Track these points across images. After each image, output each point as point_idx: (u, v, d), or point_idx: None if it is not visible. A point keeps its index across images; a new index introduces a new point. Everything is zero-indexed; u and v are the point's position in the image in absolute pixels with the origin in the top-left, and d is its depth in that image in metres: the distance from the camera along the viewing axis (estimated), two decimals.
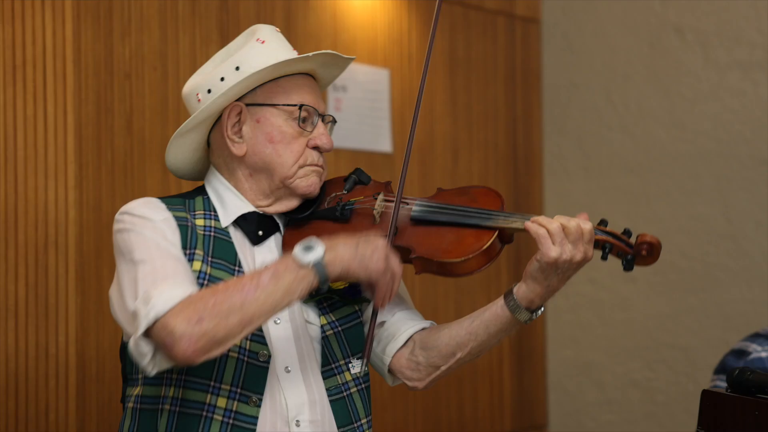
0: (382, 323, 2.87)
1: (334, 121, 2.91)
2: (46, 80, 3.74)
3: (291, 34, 4.51)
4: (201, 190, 2.86)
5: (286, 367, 2.72)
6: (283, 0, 4.49)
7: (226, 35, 4.26)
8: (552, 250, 2.61)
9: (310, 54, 2.79)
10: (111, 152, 3.90)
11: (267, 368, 2.69)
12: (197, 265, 2.68)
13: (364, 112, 4.83)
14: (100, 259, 3.84)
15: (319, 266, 2.50)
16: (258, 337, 2.69)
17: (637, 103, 5.41)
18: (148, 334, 2.47)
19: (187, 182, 3.03)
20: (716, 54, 5.16)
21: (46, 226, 3.73)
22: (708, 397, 2.58)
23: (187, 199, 2.82)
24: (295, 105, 2.77)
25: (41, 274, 3.72)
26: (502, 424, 5.47)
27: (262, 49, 2.78)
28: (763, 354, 3.69)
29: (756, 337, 3.78)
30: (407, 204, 2.78)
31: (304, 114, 2.78)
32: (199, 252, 2.70)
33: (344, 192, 2.85)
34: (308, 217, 2.83)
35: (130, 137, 3.95)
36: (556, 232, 2.62)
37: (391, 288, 2.60)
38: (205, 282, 2.66)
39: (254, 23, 4.32)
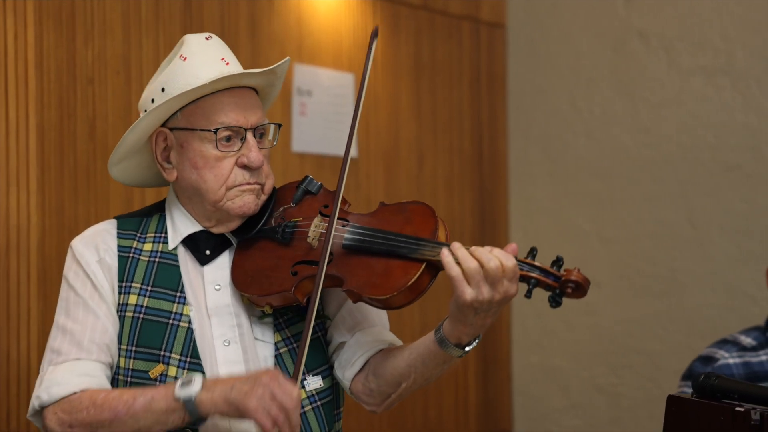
0: (342, 344, 2.82)
1: (279, 126, 2.83)
2: (7, 84, 3.71)
3: (255, 38, 4.49)
4: (161, 207, 2.86)
5: None
6: (247, 3, 4.48)
7: None
8: (467, 293, 2.47)
9: (207, 82, 2.65)
10: (73, 157, 3.88)
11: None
12: (132, 298, 2.74)
13: (329, 116, 4.82)
14: (61, 263, 3.76)
15: (189, 404, 2.52)
16: (195, 365, 2.69)
17: (601, 108, 5.42)
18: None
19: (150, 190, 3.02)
20: (680, 59, 5.18)
21: (7, 231, 3.70)
22: (673, 402, 2.58)
23: (146, 217, 2.85)
24: (209, 130, 2.68)
25: (2, 278, 3.69)
26: (467, 429, 5.46)
27: (184, 67, 2.70)
28: (731, 360, 3.69)
29: (723, 343, 3.79)
30: (344, 225, 2.71)
31: (224, 134, 2.69)
32: (136, 285, 2.74)
33: (291, 205, 2.80)
34: (256, 235, 2.79)
35: (93, 142, 3.92)
36: (473, 273, 2.46)
37: (283, 423, 2.46)
38: (141, 315, 2.72)
39: (218, 27, 4.32)
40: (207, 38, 2.76)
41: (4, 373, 3.69)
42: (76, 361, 2.67)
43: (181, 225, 2.79)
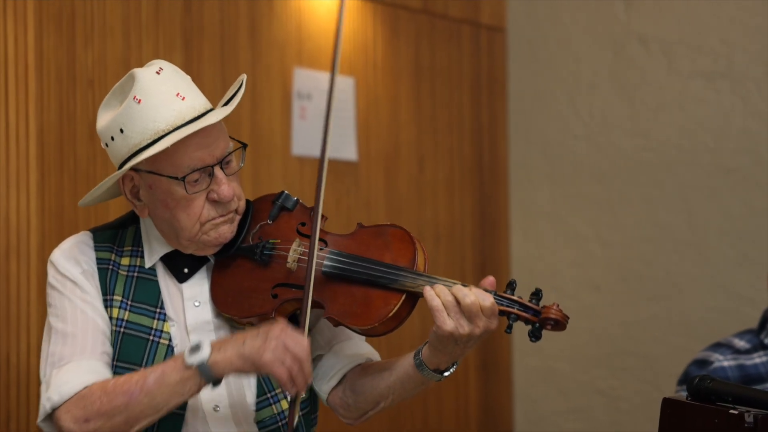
0: (320, 356, 2.85)
1: (245, 146, 2.76)
2: (7, 87, 3.72)
3: (255, 42, 4.50)
4: (136, 218, 2.84)
5: (215, 406, 2.72)
6: (247, 8, 4.48)
7: (189, 42, 4.24)
8: (446, 324, 2.53)
9: (169, 144, 2.59)
10: (73, 159, 3.88)
11: (184, 414, 2.70)
12: (115, 312, 2.74)
13: None
14: None
15: (203, 368, 2.52)
16: None
17: (601, 112, 5.43)
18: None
19: None
20: (680, 63, 5.19)
21: (7, 234, 3.70)
22: (668, 405, 2.58)
23: (120, 229, 2.84)
24: (177, 177, 2.64)
25: (2, 282, 3.69)
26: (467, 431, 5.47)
27: (139, 111, 2.62)
28: (725, 363, 3.70)
29: (717, 346, 3.80)
30: (321, 249, 2.70)
31: (193, 178, 2.65)
32: (117, 297, 2.74)
33: (269, 222, 2.79)
34: (234, 253, 2.78)
35: (93, 145, 3.92)
36: (450, 306, 2.54)
37: (297, 373, 2.51)
38: (122, 329, 2.72)
39: (218, 31, 4.33)
40: (158, 72, 2.67)
41: (3, 377, 3.69)
42: (80, 360, 2.66)
43: (157, 245, 2.78)
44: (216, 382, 2.55)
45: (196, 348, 2.53)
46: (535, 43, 5.68)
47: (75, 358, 2.67)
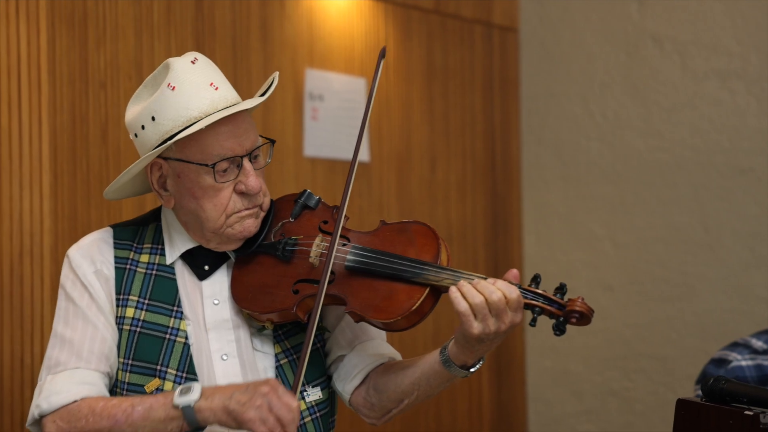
0: (342, 356, 2.83)
1: (273, 143, 2.80)
2: (20, 89, 3.73)
3: (267, 43, 4.50)
4: (157, 216, 2.85)
5: None
6: (258, 8, 4.49)
7: (201, 44, 4.24)
8: (474, 327, 2.52)
9: (202, 126, 2.61)
10: (86, 161, 3.89)
11: None
12: (130, 311, 2.74)
13: (340, 121, 4.82)
14: None
15: (188, 411, 2.52)
16: (191, 381, 2.69)
17: (614, 112, 5.42)
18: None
19: None
20: (693, 63, 5.17)
21: (21, 236, 3.71)
22: (683, 406, 2.58)
23: (141, 226, 2.84)
24: (207, 165, 2.65)
25: (16, 283, 3.70)
26: None
27: (173, 98, 2.65)
28: (743, 363, 3.70)
29: (735, 346, 3.80)
30: (344, 245, 2.71)
31: (222, 167, 2.66)
32: (133, 297, 2.75)
33: (290, 220, 2.80)
34: (254, 251, 2.79)
35: (105, 146, 3.93)
36: (479, 308, 2.52)
37: None
38: (138, 328, 2.73)
39: (230, 32, 4.33)
40: (193, 62, 2.72)
41: (18, 377, 3.71)
42: (75, 369, 2.68)
43: (178, 241, 2.79)
44: (197, 429, 2.55)
45: (186, 389, 2.54)
46: (547, 43, 5.67)
47: (70, 365, 2.68)
